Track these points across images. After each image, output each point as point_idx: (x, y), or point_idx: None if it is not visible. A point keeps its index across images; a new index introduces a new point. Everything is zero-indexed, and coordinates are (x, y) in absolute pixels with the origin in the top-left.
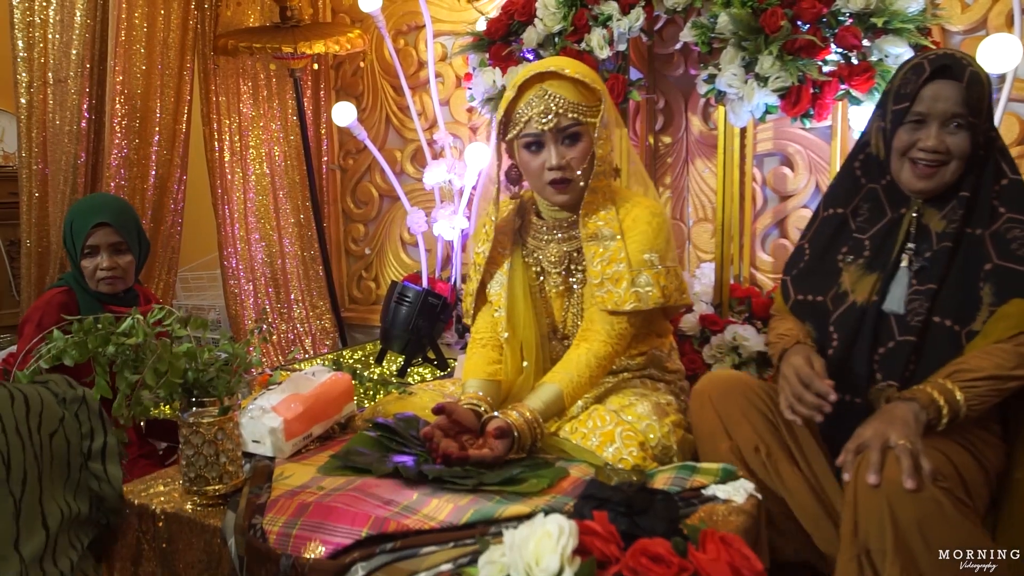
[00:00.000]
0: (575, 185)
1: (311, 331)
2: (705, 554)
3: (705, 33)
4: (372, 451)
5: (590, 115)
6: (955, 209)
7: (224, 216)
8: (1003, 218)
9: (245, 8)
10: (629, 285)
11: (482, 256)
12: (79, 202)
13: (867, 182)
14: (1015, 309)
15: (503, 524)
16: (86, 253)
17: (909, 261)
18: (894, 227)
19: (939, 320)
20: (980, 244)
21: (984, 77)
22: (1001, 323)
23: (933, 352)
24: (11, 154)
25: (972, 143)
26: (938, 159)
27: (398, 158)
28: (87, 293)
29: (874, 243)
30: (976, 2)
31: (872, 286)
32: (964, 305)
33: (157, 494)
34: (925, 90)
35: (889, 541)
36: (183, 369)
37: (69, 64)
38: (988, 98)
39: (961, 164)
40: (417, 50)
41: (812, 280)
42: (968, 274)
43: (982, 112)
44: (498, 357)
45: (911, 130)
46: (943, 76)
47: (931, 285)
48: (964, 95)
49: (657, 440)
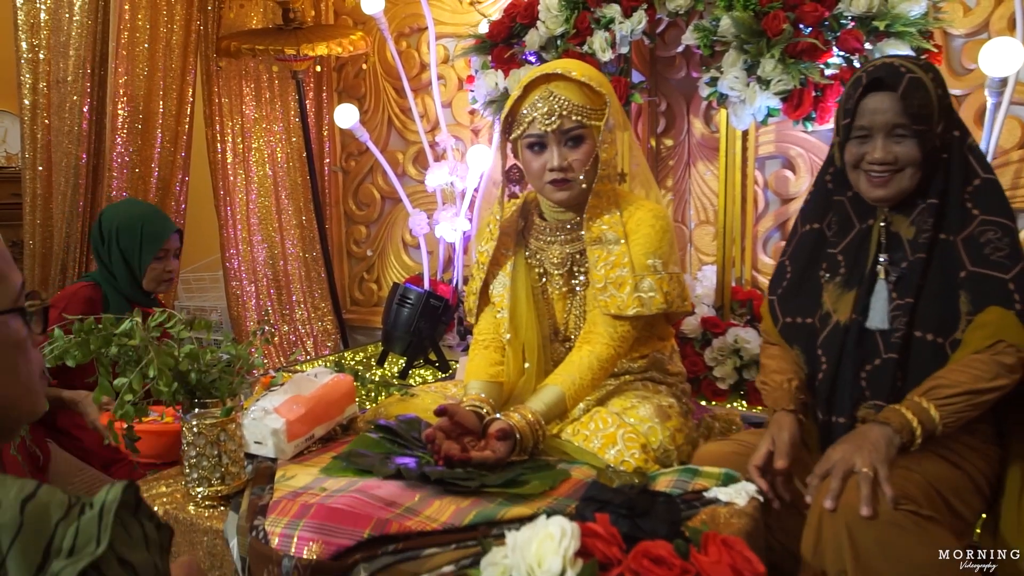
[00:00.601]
0: (575, 185)
1: (313, 332)
2: (707, 556)
3: (707, 36)
4: (374, 453)
5: (594, 118)
6: (924, 216)
7: (226, 217)
8: (976, 220)
9: (248, 10)
10: (632, 290)
11: (486, 255)
12: (132, 206)
13: (836, 195)
14: (992, 317)
15: (505, 526)
16: (159, 257)
17: (886, 272)
18: (864, 239)
19: (920, 335)
20: (953, 250)
21: (928, 80)
22: (979, 332)
23: (918, 367)
24: (14, 155)
25: (922, 149)
26: (889, 168)
27: (400, 160)
28: (118, 292)
29: (848, 258)
30: (978, 5)
31: (852, 304)
32: (944, 316)
33: (159, 495)
34: (863, 104)
35: (849, 563)
36: (175, 375)
37: (71, 65)
38: (937, 101)
39: (917, 170)
40: (419, 52)
41: (798, 301)
42: (945, 283)
43: (929, 117)
44: (500, 359)
45: (859, 144)
46: (877, 88)
47: (908, 299)
48: (901, 105)
49: (659, 443)
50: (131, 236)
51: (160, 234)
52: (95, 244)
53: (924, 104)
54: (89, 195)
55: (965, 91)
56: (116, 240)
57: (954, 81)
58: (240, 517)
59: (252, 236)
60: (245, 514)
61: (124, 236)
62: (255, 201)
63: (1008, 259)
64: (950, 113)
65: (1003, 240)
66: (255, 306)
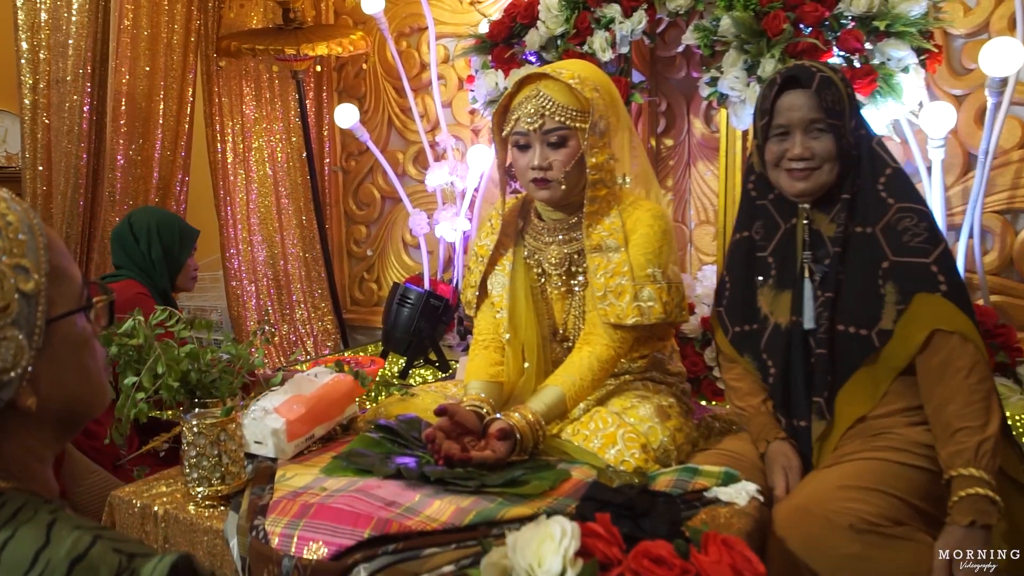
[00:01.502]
0: (555, 186)
1: (313, 332)
2: (707, 556)
3: (707, 36)
4: (374, 452)
5: (580, 120)
6: (840, 212)
7: (226, 217)
8: (893, 209)
9: (248, 10)
10: (632, 299)
11: (486, 248)
12: (158, 210)
13: (760, 199)
14: (921, 307)
15: (505, 526)
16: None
17: (810, 271)
18: (790, 238)
19: (843, 328)
20: (872, 241)
21: (838, 79)
22: (912, 326)
23: (845, 361)
24: (14, 155)
25: (838, 144)
26: (808, 164)
27: (400, 160)
28: (155, 290)
29: (776, 259)
30: (978, 6)
31: (788, 305)
32: (866, 307)
33: (159, 495)
34: (779, 102)
35: None
36: (181, 372)
37: (71, 65)
38: (848, 99)
39: (835, 165)
40: (419, 52)
41: (742, 310)
42: (865, 274)
43: (843, 113)
44: (500, 358)
45: (778, 142)
46: (792, 87)
47: (829, 294)
48: (815, 101)
49: (659, 443)
50: (171, 233)
51: (193, 232)
52: (127, 245)
53: (836, 100)
54: (89, 195)
55: (965, 91)
56: (158, 237)
57: (954, 81)
58: (240, 517)
59: (252, 236)
60: (245, 514)
61: (165, 233)
62: (255, 201)
63: (927, 243)
64: (858, 111)
65: (920, 225)
66: (255, 306)
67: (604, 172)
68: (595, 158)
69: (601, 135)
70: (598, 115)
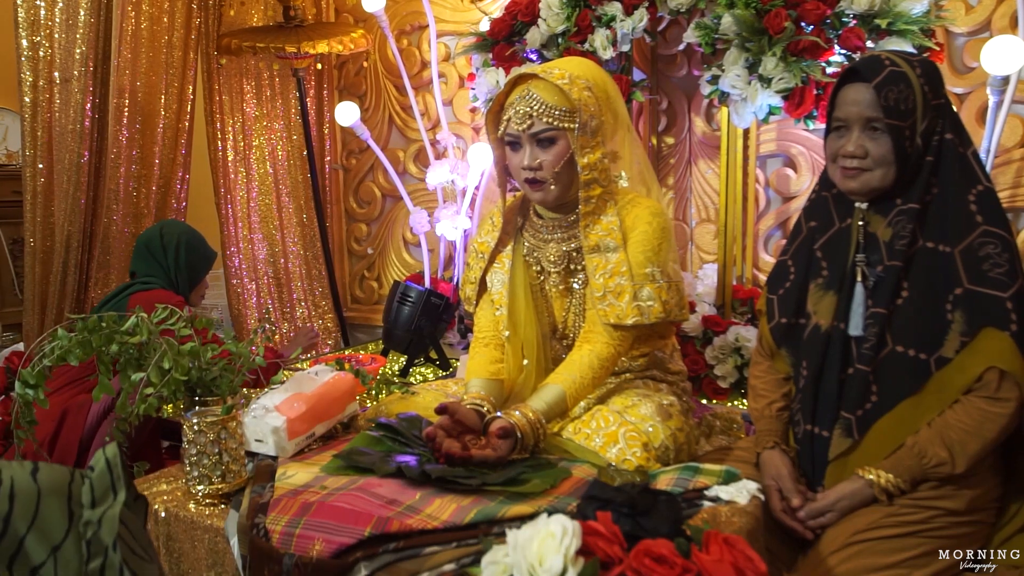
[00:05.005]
0: (546, 186)
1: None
2: (708, 555)
3: (709, 34)
4: (375, 451)
5: (567, 120)
6: (902, 221)
7: (227, 215)
8: (979, 230)
9: (248, 7)
10: (631, 299)
11: (487, 245)
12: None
13: (824, 191)
14: (989, 344)
15: (506, 524)
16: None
17: (863, 275)
18: (842, 237)
19: (902, 349)
20: (948, 262)
21: (912, 76)
22: (973, 358)
23: (893, 382)
24: (15, 153)
25: (897, 147)
26: (860, 164)
27: (401, 158)
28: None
29: (827, 255)
30: (980, 4)
31: (833, 308)
32: (928, 331)
33: (160, 493)
34: (841, 95)
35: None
36: (185, 368)
37: (73, 63)
38: (922, 98)
39: (890, 169)
40: (420, 50)
41: (796, 301)
42: (933, 296)
43: (909, 113)
44: (501, 356)
45: (836, 137)
46: (853, 79)
47: (883, 308)
48: (874, 97)
49: (661, 442)
50: (197, 250)
51: (213, 253)
52: (155, 253)
53: (902, 99)
54: (90, 193)
55: (967, 89)
56: (186, 251)
57: (956, 79)
58: (241, 515)
59: (253, 234)
60: (246, 512)
61: (193, 249)
62: (256, 199)
63: (1007, 276)
64: (940, 113)
65: (1003, 255)
66: (256, 304)
67: (597, 171)
68: (586, 158)
69: (592, 134)
70: (588, 115)
